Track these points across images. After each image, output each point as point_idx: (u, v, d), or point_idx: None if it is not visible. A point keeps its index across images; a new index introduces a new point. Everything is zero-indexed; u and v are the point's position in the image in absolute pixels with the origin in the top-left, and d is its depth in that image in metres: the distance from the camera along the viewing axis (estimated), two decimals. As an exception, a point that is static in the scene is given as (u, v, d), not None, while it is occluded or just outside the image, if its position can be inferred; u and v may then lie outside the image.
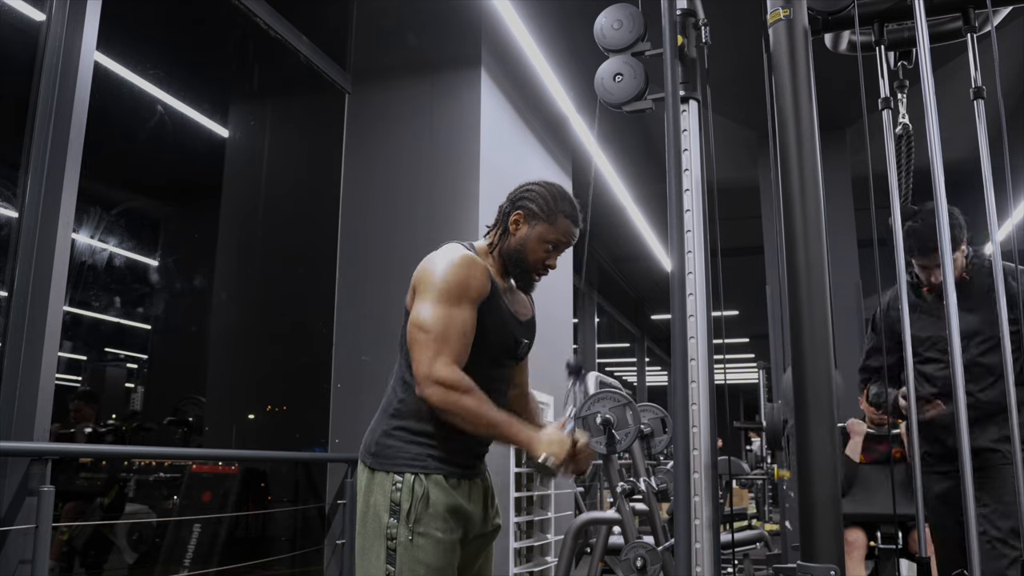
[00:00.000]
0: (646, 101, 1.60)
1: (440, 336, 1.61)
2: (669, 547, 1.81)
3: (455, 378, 1.59)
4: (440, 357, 1.60)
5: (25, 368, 2.28)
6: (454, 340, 1.62)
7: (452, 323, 1.62)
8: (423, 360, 1.60)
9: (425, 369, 1.60)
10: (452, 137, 3.93)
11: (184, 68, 5.13)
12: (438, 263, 1.69)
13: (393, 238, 3.90)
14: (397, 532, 1.61)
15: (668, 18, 1.48)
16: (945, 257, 1.45)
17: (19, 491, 2.18)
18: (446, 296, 1.64)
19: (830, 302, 1.38)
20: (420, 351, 1.61)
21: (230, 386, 5.12)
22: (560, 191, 1.81)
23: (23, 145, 2.43)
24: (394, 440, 1.68)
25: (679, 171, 1.44)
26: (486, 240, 1.84)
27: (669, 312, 1.42)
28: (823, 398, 1.33)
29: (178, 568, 4.30)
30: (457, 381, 1.59)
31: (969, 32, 1.62)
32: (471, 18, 3.98)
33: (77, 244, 5.96)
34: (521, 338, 1.80)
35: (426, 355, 1.60)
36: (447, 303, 1.63)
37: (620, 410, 1.66)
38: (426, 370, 1.59)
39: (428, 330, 1.61)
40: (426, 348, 1.61)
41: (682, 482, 1.32)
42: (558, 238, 1.78)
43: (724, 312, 1.73)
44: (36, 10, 2.79)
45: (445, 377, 1.59)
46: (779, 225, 1.44)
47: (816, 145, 1.43)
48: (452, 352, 1.61)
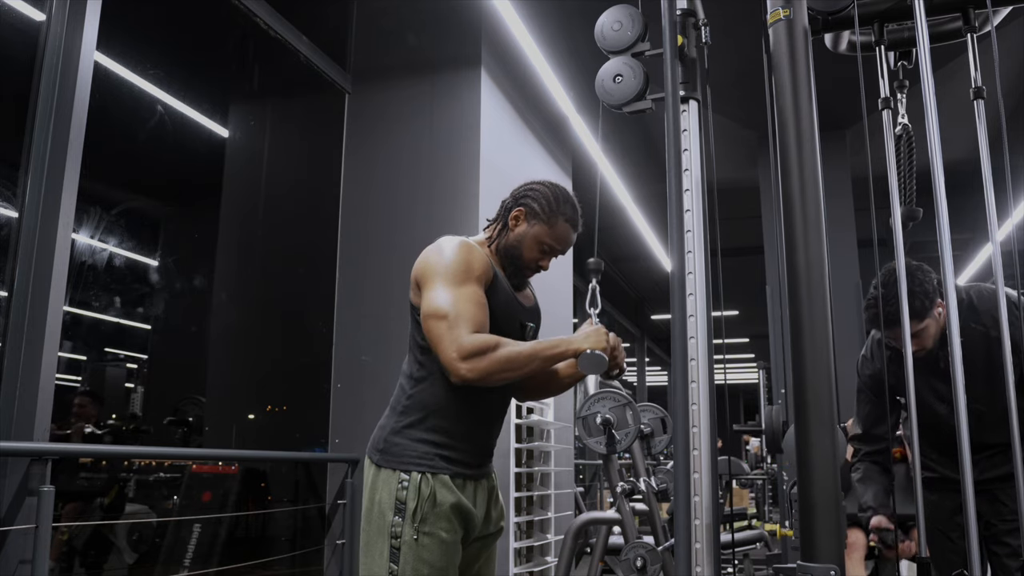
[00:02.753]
0: (646, 101, 1.59)
1: (454, 316, 1.60)
2: (669, 547, 1.81)
3: (478, 343, 1.58)
4: (457, 332, 1.58)
5: (25, 368, 2.28)
6: (469, 313, 1.61)
7: (463, 299, 1.62)
8: (445, 346, 1.59)
9: (451, 352, 1.58)
10: (452, 137, 3.93)
11: (184, 68, 5.13)
12: (437, 251, 1.70)
13: (393, 238, 3.90)
14: (402, 531, 1.61)
15: (668, 18, 1.48)
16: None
17: (19, 491, 2.18)
18: (452, 279, 1.63)
19: (830, 302, 1.38)
20: (440, 340, 1.60)
21: (230, 386, 5.12)
22: (564, 194, 1.81)
23: (23, 145, 2.43)
24: (402, 438, 1.67)
25: (679, 171, 1.44)
26: (484, 235, 1.84)
27: (669, 312, 1.42)
28: (823, 398, 1.33)
29: (178, 568, 4.30)
30: (481, 345, 1.58)
31: (969, 32, 1.62)
32: (471, 18, 3.98)
33: (77, 244, 5.96)
34: (527, 322, 1.80)
35: (446, 340, 1.59)
36: (454, 285, 1.63)
37: (620, 410, 1.66)
38: (452, 353, 1.57)
39: (442, 315, 1.60)
40: (445, 334, 1.59)
41: (682, 482, 1.32)
42: (554, 243, 1.78)
43: (724, 312, 1.73)
44: (36, 10, 2.78)
45: (470, 348, 1.57)
46: (779, 225, 1.44)
47: (816, 145, 1.43)
48: (469, 323, 1.59)
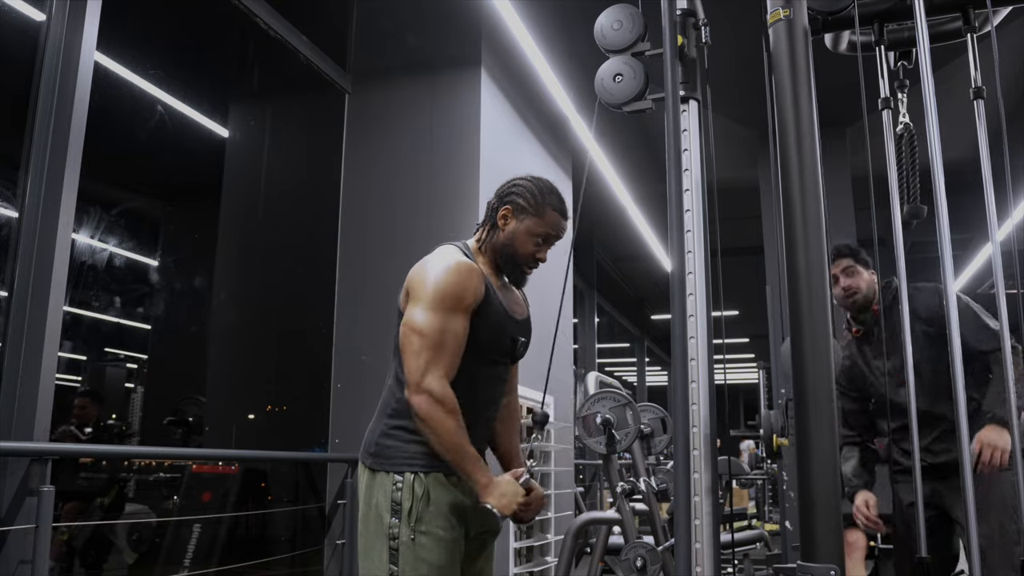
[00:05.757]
0: (646, 101, 1.60)
1: (434, 345, 1.61)
2: (669, 547, 1.81)
3: (444, 394, 1.60)
4: (433, 368, 1.60)
5: (25, 368, 2.28)
6: (447, 351, 1.62)
7: (446, 332, 1.63)
8: (415, 367, 1.61)
9: (417, 376, 1.60)
10: (452, 137, 3.93)
11: (184, 68, 5.13)
12: (433, 268, 1.69)
13: (393, 238, 3.90)
14: (399, 532, 1.61)
15: (668, 18, 1.48)
16: (947, 267, 1.45)
17: (19, 491, 2.18)
18: (441, 304, 1.64)
19: (830, 302, 1.38)
20: (413, 357, 1.62)
21: (230, 386, 5.12)
22: (547, 185, 1.81)
23: (23, 145, 2.43)
24: (393, 440, 1.68)
25: (679, 171, 1.44)
26: (475, 238, 1.84)
27: (669, 312, 1.42)
28: (823, 398, 1.33)
29: (178, 568, 4.31)
30: (445, 397, 1.60)
31: (969, 32, 1.62)
32: (471, 18, 3.98)
33: (77, 244, 5.96)
34: (518, 337, 1.80)
35: (419, 362, 1.61)
36: (442, 311, 1.64)
37: (620, 410, 1.66)
38: (418, 378, 1.60)
39: (423, 335, 1.62)
40: (419, 355, 1.61)
41: (682, 482, 1.32)
42: (547, 231, 1.78)
43: (724, 312, 1.73)
44: (36, 10, 2.79)
45: (435, 390, 1.60)
46: (779, 225, 1.44)
47: (816, 145, 1.43)
48: (444, 364, 1.62)
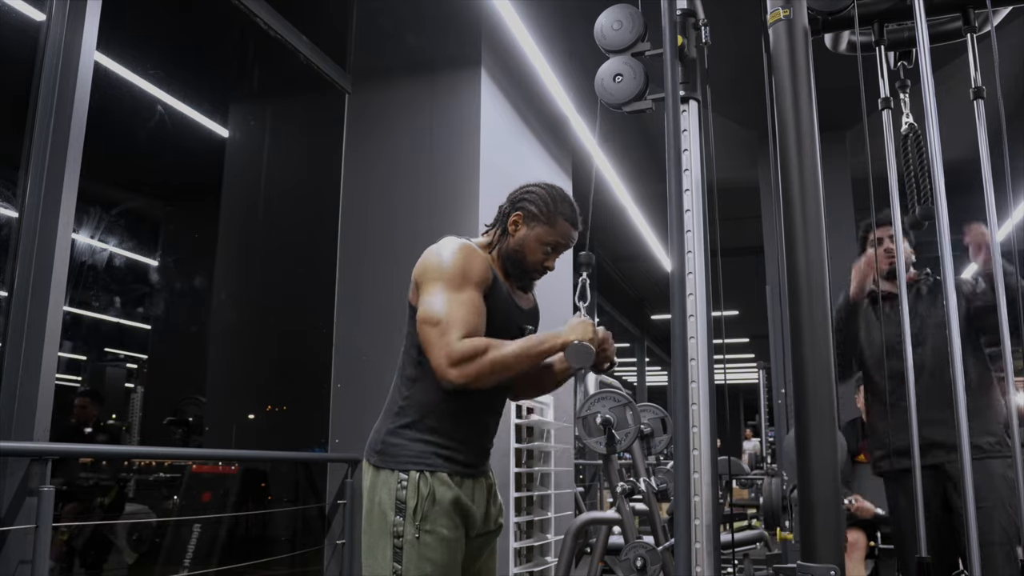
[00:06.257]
0: (646, 101, 1.59)
1: (446, 323, 1.60)
2: (669, 547, 1.81)
3: (467, 349, 1.58)
4: (448, 339, 1.58)
5: (25, 368, 2.28)
6: (461, 318, 1.61)
7: (457, 304, 1.62)
8: (436, 352, 1.60)
9: (440, 359, 1.59)
10: (452, 137, 3.93)
11: (184, 68, 5.13)
12: (437, 254, 1.70)
13: (393, 238, 3.90)
14: (404, 530, 1.61)
15: (668, 18, 1.48)
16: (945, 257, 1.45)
17: (19, 491, 2.18)
18: (449, 283, 1.64)
19: (830, 302, 1.38)
20: (431, 347, 1.61)
21: (230, 386, 5.12)
22: (560, 193, 1.81)
23: (23, 145, 2.43)
24: (398, 438, 1.68)
25: (679, 171, 1.44)
26: (485, 238, 1.84)
27: (669, 312, 1.42)
28: (823, 398, 1.33)
29: (178, 568, 4.31)
30: (470, 350, 1.58)
31: (969, 32, 1.62)
32: (471, 18, 3.98)
33: (77, 244, 5.96)
34: (525, 325, 1.80)
35: (438, 346, 1.59)
36: (451, 290, 1.63)
37: (620, 410, 1.65)
38: (442, 359, 1.59)
39: (436, 321, 1.61)
40: (437, 340, 1.60)
41: (682, 482, 1.32)
42: (557, 240, 1.78)
43: (724, 312, 1.73)
44: (36, 10, 2.79)
45: (459, 354, 1.57)
46: (779, 225, 1.44)
47: (816, 145, 1.43)
48: (460, 328, 1.60)
